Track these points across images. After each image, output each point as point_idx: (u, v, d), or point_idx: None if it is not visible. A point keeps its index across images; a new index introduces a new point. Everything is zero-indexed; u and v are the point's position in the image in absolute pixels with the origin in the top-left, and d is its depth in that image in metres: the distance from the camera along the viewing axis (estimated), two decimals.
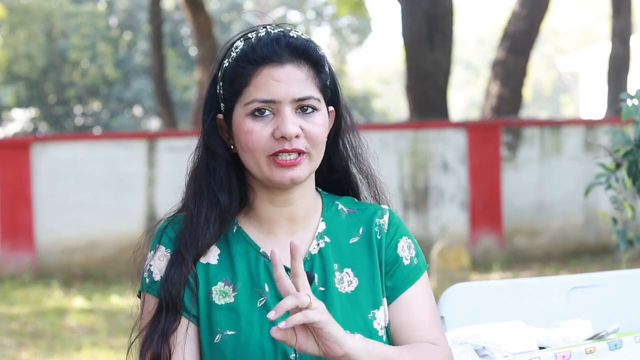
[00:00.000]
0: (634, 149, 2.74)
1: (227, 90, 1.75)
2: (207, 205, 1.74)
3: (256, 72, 1.71)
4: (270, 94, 1.70)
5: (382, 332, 1.76)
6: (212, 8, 24.83)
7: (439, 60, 11.00)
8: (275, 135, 1.70)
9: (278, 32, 1.74)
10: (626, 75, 12.73)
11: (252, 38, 1.75)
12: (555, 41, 39.38)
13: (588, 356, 1.83)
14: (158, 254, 1.77)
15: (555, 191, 10.17)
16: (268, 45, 1.72)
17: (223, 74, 1.75)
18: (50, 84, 24.02)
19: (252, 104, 1.71)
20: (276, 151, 1.70)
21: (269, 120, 1.71)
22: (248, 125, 1.71)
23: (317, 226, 1.80)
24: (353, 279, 1.77)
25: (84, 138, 10.25)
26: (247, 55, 1.73)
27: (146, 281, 1.77)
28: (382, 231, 1.82)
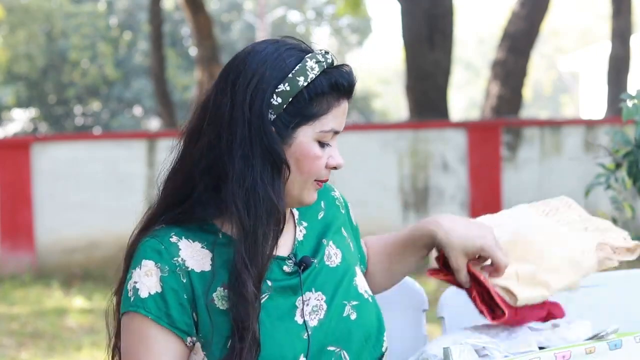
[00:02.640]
0: (634, 149, 2.74)
1: (298, 108, 1.71)
2: (264, 218, 1.69)
3: (339, 103, 1.74)
4: (340, 126, 1.76)
5: (367, 295, 1.84)
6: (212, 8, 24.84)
7: (439, 60, 11.00)
8: (329, 164, 1.76)
9: (347, 66, 1.77)
10: (626, 75, 12.74)
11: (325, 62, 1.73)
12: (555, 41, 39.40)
13: (588, 356, 1.83)
14: (144, 270, 1.71)
15: (555, 191, 10.12)
16: (350, 79, 1.75)
17: (296, 92, 1.70)
18: (50, 84, 24.02)
19: (328, 133, 1.73)
20: (323, 179, 1.77)
21: (325, 149, 1.75)
22: (317, 151, 1.73)
23: (294, 214, 1.86)
24: (337, 250, 1.86)
25: (84, 138, 10.25)
26: (337, 84, 1.73)
27: (131, 300, 1.71)
28: (342, 205, 1.97)
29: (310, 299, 1.76)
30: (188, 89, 23.63)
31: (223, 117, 1.71)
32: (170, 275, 1.70)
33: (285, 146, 1.71)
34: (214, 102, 1.73)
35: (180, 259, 1.72)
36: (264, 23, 26.14)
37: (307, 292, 1.76)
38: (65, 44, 23.41)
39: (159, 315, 1.69)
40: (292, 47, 1.74)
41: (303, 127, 1.71)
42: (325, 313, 1.75)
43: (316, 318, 1.74)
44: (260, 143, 1.69)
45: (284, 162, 1.70)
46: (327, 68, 1.73)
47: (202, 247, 1.74)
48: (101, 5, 24.86)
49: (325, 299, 1.77)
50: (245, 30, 28.00)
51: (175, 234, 1.75)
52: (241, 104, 1.69)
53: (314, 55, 1.73)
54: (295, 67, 1.71)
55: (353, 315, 1.79)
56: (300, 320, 1.73)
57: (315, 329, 1.73)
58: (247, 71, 1.71)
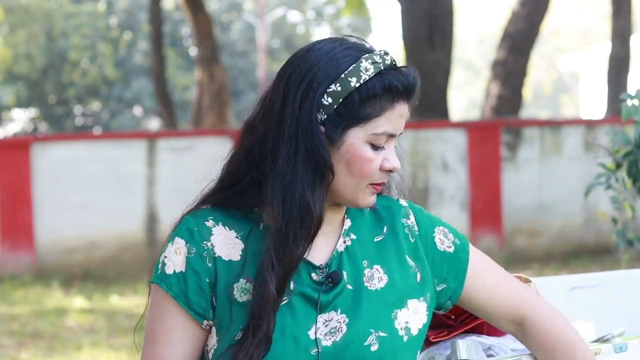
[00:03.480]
0: (634, 149, 2.74)
1: (349, 109, 1.69)
2: (298, 219, 1.67)
3: (393, 106, 1.71)
4: (395, 130, 1.72)
5: (403, 333, 1.73)
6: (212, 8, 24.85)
7: (439, 60, 11.00)
8: (384, 167, 1.72)
9: (406, 67, 1.74)
10: (626, 75, 12.74)
11: (382, 63, 1.70)
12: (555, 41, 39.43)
13: None
14: (175, 246, 1.73)
15: (555, 191, 10.17)
16: (409, 83, 1.72)
17: (347, 92, 1.68)
18: (50, 84, 24.04)
19: (381, 136, 1.70)
20: (379, 182, 1.73)
21: (380, 152, 1.72)
22: (369, 153, 1.70)
23: (343, 223, 1.79)
24: (383, 275, 1.76)
25: (84, 138, 10.25)
26: (392, 87, 1.70)
27: (158, 272, 1.73)
28: (413, 233, 1.83)
29: (332, 320, 1.71)
30: (188, 89, 23.64)
31: (274, 114, 1.70)
32: (195, 257, 1.72)
33: (335, 147, 1.69)
34: (269, 98, 1.73)
35: (210, 244, 1.73)
36: (264, 23, 26.14)
37: (332, 311, 1.71)
38: (65, 44, 23.42)
39: (178, 294, 1.71)
40: (351, 47, 1.72)
41: (354, 129, 1.69)
42: (342, 336, 1.70)
43: (331, 339, 1.70)
44: (306, 144, 1.67)
45: (328, 166, 1.68)
46: (385, 69, 1.70)
47: (236, 237, 1.74)
48: (101, 5, 24.87)
49: (348, 322, 1.70)
50: (245, 30, 28.00)
51: (213, 219, 1.75)
52: (292, 103, 1.69)
53: (370, 56, 1.70)
54: (349, 68, 1.69)
55: (375, 346, 1.70)
56: (312, 336, 1.69)
57: (327, 348, 1.69)
58: (301, 69, 1.70)
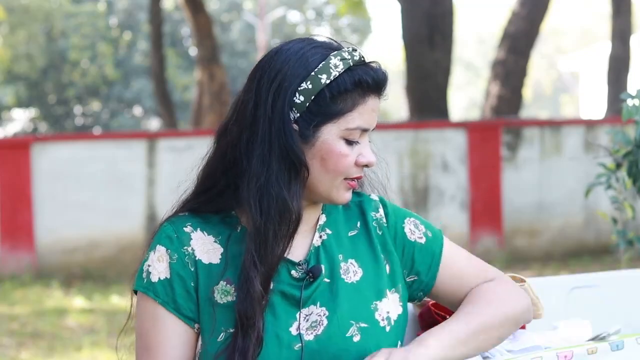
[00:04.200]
0: (634, 149, 2.74)
1: (321, 106, 1.71)
2: (276, 218, 1.69)
3: (365, 100, 1.72)
4: (368, 124, 1.74)
5: (384, 323, 1.76)
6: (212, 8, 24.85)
7: (439, 60, 11.00)
8: (359, 162, 1.73)
9: (375, 62, 1.76)
10: (626, 75, 12.74)
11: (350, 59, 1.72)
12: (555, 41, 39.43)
13: (590, 356, 1.83)
14: (157, 254, 1.75)
15: (555, 191, 10.17)
16: (378, 77, 1.73)
17: (318, 90, 1.70)
18: (50, 84, 24.04)
19: (354, 131, 1.72)
20: (354, 177, 1.74)
21: (354, 147, 1.73)
22: (343, 148, 1.72)
23: (318, 218, 1.81)
24: (358, 269, 1.79)
25: (84, 138, 10.25)
26: (361, 81, 1.72)
27: (143, 281, 1.75)
28: (381, 226, 1.85)
29: (312, 313, 1.74)
30: (188, 89, 23.64)
31: (247, 115, 1.72)
32: (178, 262, 1.74)
33: (309, 145, 1.71)
34: (242, 100, 1.75)
35: (190, 248, 1.75)
36: (264, 23, 26.14)
37: (312, 305, 1.74)
38: (65, 44, 23.42)
39: (166, 300, 1.73)
40: (319, 45, 1.74)
41: (327, 125, 1.71)
42: (323, 329, 1.72)
43: (313, 334, 1.72)
44: (279, 143, 1.69)
45: (303, 163, 1.70)
46: (354, 65, 1.72)
47: (214, 241, 1.77)
48: (101, 5, 24.87)
49: (328, 315, 1.73)
50: (245, 30, 28.00)
51: (191, 224, 1.78)
52: (264, 103, 1.71)
53: (339, 53, 1.72)
54: (319, 65, 1.71)
55: (357, 337, 1.73)
56: (294, 332, 1.72)
57: (310, 342, 1.71)
58: (271, 70, 1.72)
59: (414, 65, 11.18)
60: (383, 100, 1.78)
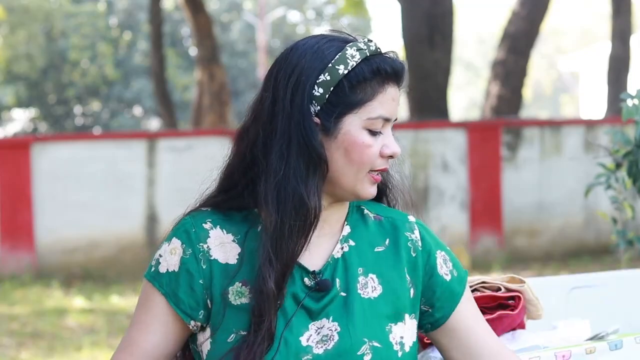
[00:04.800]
0: (634, 149, 2.74)
1: (341, 97, 1.69)
2: (292, 214, 1.67)
3: (384, 89, 1.72)
4: (390, 113, 1.74)
5: (398, 347, 1.72)
6: (212, 8, 24.84)
7: (439, 60, 11.00)
8: (384, 153, 1.73)
9: (393, 52, 1.76)
10: (626, 75, 12.74)
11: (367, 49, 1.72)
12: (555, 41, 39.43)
13: (588, 356, 1.83)
14: (171, 246, 1.74)
15: (555, 191, 10.17)
16: (396, 65, 1.73)
17: (337, 80, 1.69)
18: (50, 84, 24.04)
19: (377, 120, 1.71)
20: (380, 168, 1.74)
21: (378, 137, 1.73)
22: (367, 139, 1.71)
23: (342, 229, 1.76)
24: (377, 285, 1.74)
25: (84, 138, 10.25)
26: (379, 68, 1.71)
27: (152, 269, 1.74)
28: (416, 248, 1.80)
29: (324, 327, 1.70)
30: (188, 89, 23.64)
31: (265, 113, 1.70)
32: (190, 258, 1.72)
33: (332, 137, 1.69)
34: (259, 99, 1.74)
35: (206, 246, 1.73)
36: (264, 23, 26.13)
37: (324, 318, 1.70)
38: (65, 44, 23.42)
39: (168, 292, 1.72)
40: (333, 38, 1.74)
41: (349, 116, 1.70)
42: (334, 345, 1.68)
43: (323, 347, 1.69)
44: (298, 138, 1.67)
45: (322, 157, 1.67)
46: (371, 55, 1.71)
47: (233, 240, 1.74)
48: (101, 5, 24.87)
49: (339, 331, 1.69)
50: (245, 30, 27.99)
51: (211, 221, 1.75)
52: (282, 99, 1.69)
53: (355, 44, 1.71)
54: (335, 57, 1.70)
55: (368, 356, 1.68)
56: (304, 343, 1.69)
57: (319, 356, 1.68)
58: (287, 66, 1.71)
59: (414, 65, 11.17)
60: (402, 91, 1.77)
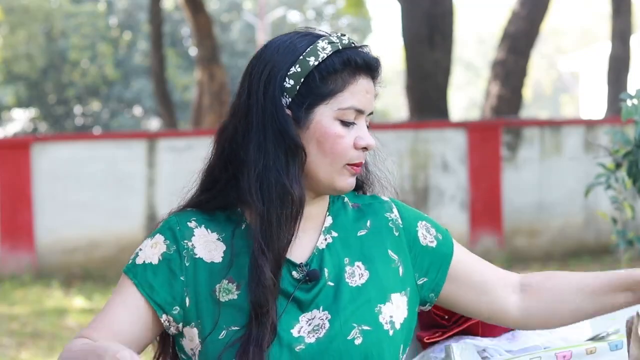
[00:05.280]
0: (634, 149, 2.74)
1: (311, 88, 1.72)
2: (278, 202, 1.70)
3: (355, 80, 1.73)
4: (363, 106, 1.73)
5: (388, 327, 1.74)
6: (212, 8, 24.84)
7: (439, 60, 11.00)
8: (357, 145, 1.72)
9: (366, 47, 1.77)
10: (626, 75, 12.74)
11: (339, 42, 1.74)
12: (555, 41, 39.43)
13: (588, 356, 1.83)
14: (153, 241, 1.75)
15: (555, 191, 10.17)
16: (367, 57, 1.74)
17: (307, 72, 1.72)
18: (50, 84, 24.03)
19: (348, 111, 1.72)
20: (356, 162, 1.73)
21: (351, 129, 1.73)
22: (339, 130, 1.72)
23: (324, 221, 1.79)
24: (364, 272, 1.77)
25: (84, 138, 10.24)
26: (350, 61, 1.73)
27: (129, 262, 1.75)
28: (397, 227, 1.84)
29: (315, 318, 1.73)
30: (188, 89, 23.64)
31: (240, 108, 1.75)
32: (174, 254, 1.74)
33: (304, 128, 1.71)
34: (237, 96, 1.77)
35: (190, 244, 1.75)
36: (263, 23, 26.13)
37: (315, 309, 1.73)
38: (65, 44, 23.41)
39: (142, 282, 1.72)
40: (307, 34, 1.77)
41: (320, 107, 1.71)
42: (325, 332, 1.71)
43: (314, 337, 1.71)
44: (273, 128, 1.70)
45: (299, 145, 1.70)
46: (343, 48, 1.73)
47: (218, 239, 1.76)
48: (101, 5, 24.87)
49: (330, 318, 1.72)
50: (245, 30, 27.99)
51: (196, 220, 1.78)
52: (256, 92, 1.73)
53: (326, 37, 1.74)
54: (307, 49, 1.72)
55: (358, 339, 1.71)
56: (296, 334, 1.71)
57: (311, 345, 1.71)
58: (261, 62, 1.75)
59: (414, 65, 11.18)
60: (380, 87, 1.78)
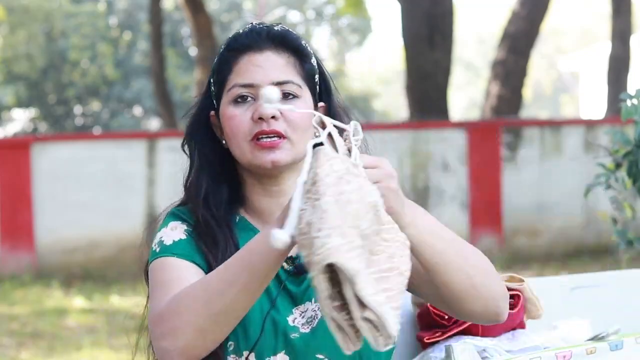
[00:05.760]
0: (634, 149, 2.74)
1: (215, 83, 1.81)
2: (213, 203, 1.78)
3: (237, 59, 1.77)
4: (250, 79, 1.75)
5: None
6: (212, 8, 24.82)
7: (439, 60, 11.00)
8: (254, 118, 1.73)
9: (261, 25, 1.81)
10: (626, 75, 12.74)
11: (231, 37, 1.83)
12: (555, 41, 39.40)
13: (589, 356, 1.83)
14: (170, 227, 1.79)
15: (555, 191, 10.17)
16: (248, 34, 1.79)
17: (212, 70, 1.82)
18: (50, 84, 24.01)
19: (233, 90, 1.76)
20: (255, 133, 1.73)
21: (249, 105, 1.75)
22: (230, 111, 1.76)
23: None
24: None
25: (84, 138, 10.25)
26: (229, 45, 1.80)
27: (156, 250, 1.76)
28: None
29: (308, 310, 1.76)
30: (188, 89, 23.61)
31: None
32: (192, 230, 1.79)
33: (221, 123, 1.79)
34: None
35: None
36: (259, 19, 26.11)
37: (307, 302, 1.76)
38: (65, 44, 23.39)
39: (182, 254, 1.74)
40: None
41: (222, 97, 1.79)
42: (318, 322, 1.74)
43: (309, 327, 1.74)
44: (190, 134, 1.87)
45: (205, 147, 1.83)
46: (232, 37, 1.81)
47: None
48: (101, 5, 24.85)
49: None
50: None
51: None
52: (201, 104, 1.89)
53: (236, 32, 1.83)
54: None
55: None
56: (291, 323, 1.74)
57: (306, 334, 1.73)
58: None
59: (414, 65, 11.18)
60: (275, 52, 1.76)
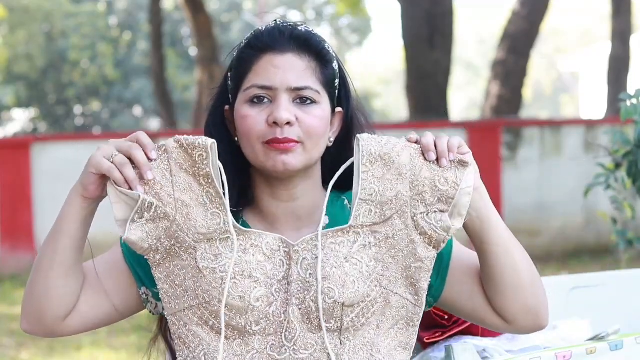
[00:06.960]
0: (633, 149, 2.74)
1: (232, 79, 1.77)
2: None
3: (257, 59, 1.73)
4: (268, 80, 1.71)
5: None
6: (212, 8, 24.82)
7: (439, 60, 11.00)
8: (269, 121, 1.69)
9: (285, 24, 1.77)
10: (626, 75, 12.75)
11: (251, 34, 1.79)
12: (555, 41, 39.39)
13: (589, 356, 1.83)
14: None
15: (555, 191, 10.17)
16: (271, 33, 1.75)
17: (230, 65, 1.78)
18: (50, 84, 24.01)
19: (250, 90, 1.72)
20: (269, 139, 1.69)
21: (265, 107, 1.71)
22: (245, 110, 1.72)
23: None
24: None
25: (84, 138, 10.25)
26: (250, 42, 1.76)
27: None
28: None
29: None
30: (188, 89, 23.63)
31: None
32: None
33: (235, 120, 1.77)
34: None
35: None
36: (264, 23, 26.12)
37: None
38: (65, 44, 23.40)
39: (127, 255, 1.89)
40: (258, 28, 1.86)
41: (238, 95, 1.75)
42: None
43: None
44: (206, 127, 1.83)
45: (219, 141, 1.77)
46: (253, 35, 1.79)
47: None
48: (101, 5, 24.86)
49: None
50: (245, 30, 28.00)
51: None
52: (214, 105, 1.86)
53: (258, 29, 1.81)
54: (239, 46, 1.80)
55: None
56: None
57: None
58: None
59: (414, 65, 11.18)
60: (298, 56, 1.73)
